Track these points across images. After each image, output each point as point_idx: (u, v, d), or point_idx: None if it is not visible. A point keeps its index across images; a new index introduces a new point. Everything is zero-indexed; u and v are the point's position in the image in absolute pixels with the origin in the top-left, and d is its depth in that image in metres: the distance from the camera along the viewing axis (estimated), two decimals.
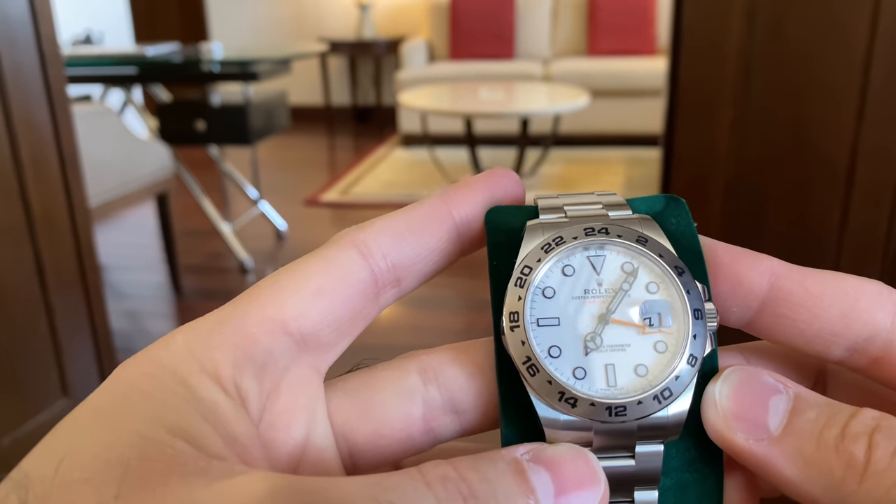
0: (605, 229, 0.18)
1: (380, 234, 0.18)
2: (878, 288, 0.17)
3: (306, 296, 0.17)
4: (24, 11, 1.30)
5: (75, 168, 1.45)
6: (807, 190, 1.12)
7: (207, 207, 2.53)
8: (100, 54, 2.54)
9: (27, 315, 1.36)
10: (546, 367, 0.17)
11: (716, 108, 1.13)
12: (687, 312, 0.17)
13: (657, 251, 0.17)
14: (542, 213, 0.19)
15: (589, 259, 0.18)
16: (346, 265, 0.18)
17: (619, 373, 0.17)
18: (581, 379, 0.17)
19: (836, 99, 1.07)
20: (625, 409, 0.16)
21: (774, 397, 0.16)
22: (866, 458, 0.14)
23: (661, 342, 0.17)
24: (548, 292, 0.17)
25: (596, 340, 0.17)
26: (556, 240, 0.18)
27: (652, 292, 0.17)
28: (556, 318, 0.17)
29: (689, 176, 1.18)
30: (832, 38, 1.05)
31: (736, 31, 1.09)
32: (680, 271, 0.17)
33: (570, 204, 0.19)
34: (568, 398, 0.16)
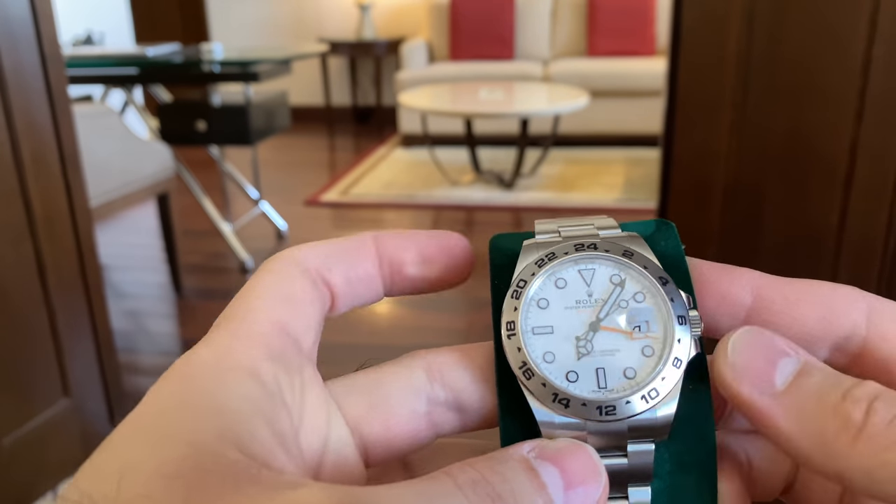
0: (594, 245, 0.19)
1: (313, 252, 0.20)
2: (851, 291, 0.18)
3: (284, 303, 0.19)
4: (25, 12, 1.31)
5: (76, 168, 1.46)
6: (806, 191, 1.13)
7: (208, 207, 2.53)
8: (101, 55, 2.54)
9: (28, 315, 1.36)
10: (541, 371, 0.18)
11: (715, 109, 1.13)
12: (671, 318, 0.18)
13: (642, 263, 0.19)
14: (538, 234, 0.20)
15: (580, 272, 0.19)
16: (295, 276, 0.19)
17: (608, 375, 0.18)
18: (574, 382, 0.18)
19: (834, 100, 1.08)
20: (614, 409, 0.17)
21: (784, 359, 0.17)
22: (863, 422, 0.15)
23: (648, 346, 0.18)
24: (542, 303, 0.19)
25: (587, 346, 0.18)
26: (548, 255, 0.19)
27: (639, 301, 0.18)
28: (549, 327, 0.18)
29: (688, 177, 1.18)
30: (831, 39, 1.05)
31: (735, 33, 1.09)
32: (664, 281, 0.18)
33: (564, 226, 0.20)
34: (561, 399, 0.18)
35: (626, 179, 3.51)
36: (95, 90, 3.40)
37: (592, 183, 3.47)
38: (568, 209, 3.14)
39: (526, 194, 3.33)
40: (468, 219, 3.14)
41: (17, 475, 1.36)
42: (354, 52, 4.80)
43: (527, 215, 3.13)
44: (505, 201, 3.26)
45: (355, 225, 3.10)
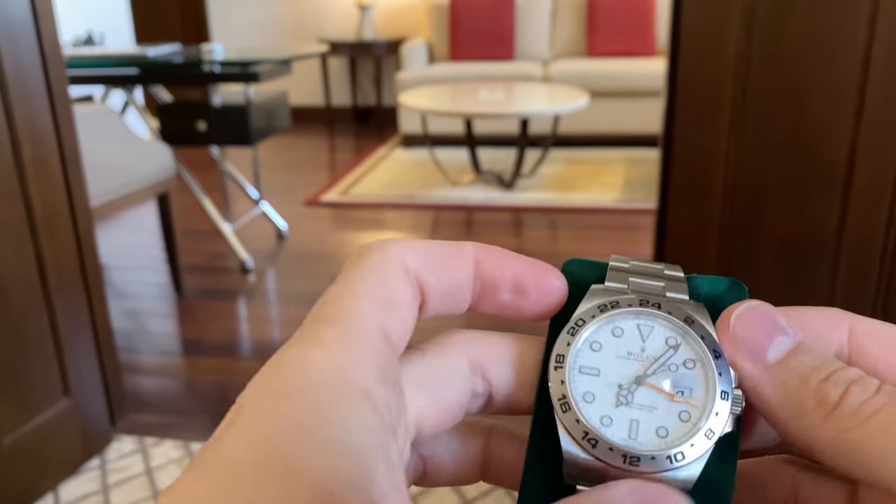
0: (659, 304, 0.20)
1: (414, 251, 0.19)
2: (835, 313, 0.20)
3: (387, 306, 0.18)
4: (26, 12, 1.31)
5: (77, 168, 1.46)
6: (805, 191, 1.13)
7: (208, 207, 2.53)
8: (101, 55, 2.55)
9: (28, 315, 1.36)
10: (577, 408, 0.19)
11: (714, 109, 1.13)
12: (715, 391, 0.18)
13: (700, 333, 0.19)
14: (609, 279, 0.21)
15: (638, 326, 0.20)
16: (396, 276, 0.18)
17: (641, 429, 0.18)
18: (607, 426, 0.18)
19: (834, 100, 1.08)
20: (639, 461, 0.18)
21: (781, 336, 0.18)
22: (837, 401, 0.16)
23: (686, 412, 0.18)
24: (595, 346, 0.19)
25: (628, 397, 0.19)
26: (612, 303, 0.20)
27: (688, 368, 0.19)
28: (596, 370, 0.19)
29: (687, 177, 1.18)
30: (831, 40, 1.06)
31: (734, 34, 1.09)
32: (717, 355, 0.19)
33: (636, 274, 0.21)
34: (590, 438, 0.18)
35: (626, 179, 3.51)
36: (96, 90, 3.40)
37: (592, 183, 3.47)
38: (568, 209, 3.14)
39: (526, 194, 3.34)
40: (468, 219, 3.14)
41: (17, 475, 1.36)
42: (354, 52, 4.81)
43: (526, 215, 3.14)
44: (505, 201, 3.26)
45: (356, 225, 3.10)
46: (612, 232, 2.90)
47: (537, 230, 3.03)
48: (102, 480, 1.46)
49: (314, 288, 2.43)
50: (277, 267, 2.66)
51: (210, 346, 2.04)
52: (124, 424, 1.65)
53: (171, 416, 1.71)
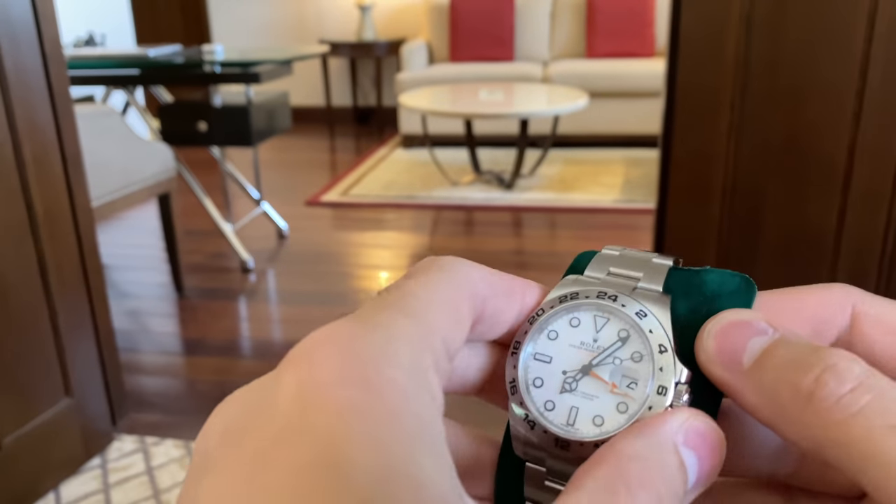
0: (615, 297, 0.20)
1: (483, 278, 0.19)
2: (839, 295, 0.19)
3: (453, 322, 0.18)
4: (27, 13, 1.31)
5: (78, 168, 1.46)
6: (804, 192, 1.13)
7: (209, 208, 2.54)
8: (102, 55, 2.55)
9: (30, 315, 1.37)
10: (523, 392, 0.20)
11: (713, 110, 1.14)
12: (652, 385, 0.19)
13: (649, 327, 0.20)
14: (588, 269, 0.22)
15: (594, 318, 0.20)
16: (465, 296, 0.18)
17: (579, 416, 0.19)
18: (549, 411, 0.19)
19: (833, 102, 1.08)
20: (568, 446, 0.19)
21: (755, 338, 0.18)
22: (811, 389, 0.16)
23: (624, 404, 0.19)
24: (552, 335, 0.20)
25: (572, 384, 0.20)
26: (572, 295, 0.21)
27: (635, 360, 0.19)
28: (549, 357, 0.20)
29: (686, 178, 1.19)
30: (829, 41, 1.06)
31: (734, 35, 1.09)
32: (662, 349, 0.19)
33: (620, 264, 0.21)
34: (530, 420, 0.19)
35: (626, 180, 3.52)
36: (97, 91, 3.41)
37: (591, 183, 3.48)
38: (567, 209, 3.15)
39: (525, 194, 3.34)
40: (468, 219, 3.14)
41: (18, 474, 1.37)
42: (355, 53, 4.81)
43: (526, 215, 3.14)
44: (504, 201, 3.27)
45: (356, 225, 3.11)
46: (611, 232, 2.90)
47: (537, 230, 3.03)
48: (103, 480, 1.46)
49: (315, 288, 2.44)
50: (278, 267, 2.66)
51: (211, 346, 2.05)
52: (125, 424, 1.65)
53: (172, 416, 1.71)
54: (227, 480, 0.13)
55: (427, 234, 2.98)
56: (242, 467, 0.13)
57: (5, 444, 1.33)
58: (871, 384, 0.15)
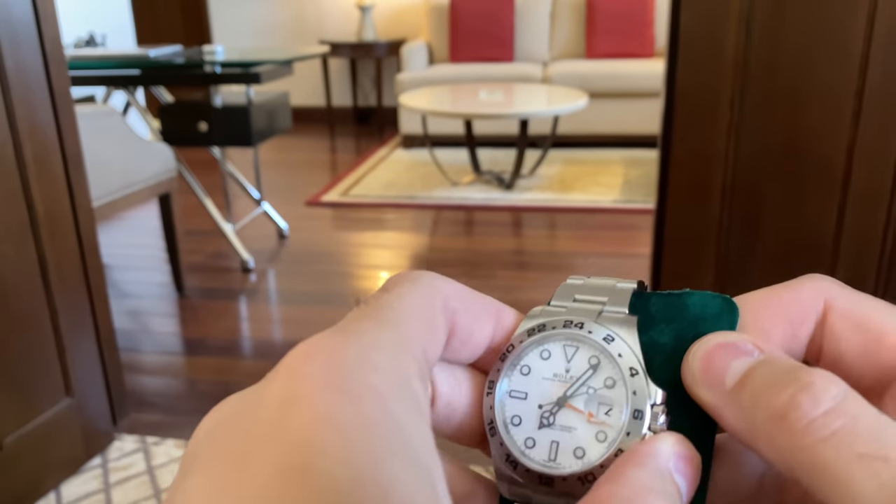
0: (581, 324, 0.20)
1: (455, 292, 0.19)
2: (811, 292, 0.19)
3: (430, 333, 0.18)
4: (28, 13, 1.32)
5: (79, 168, 1.47)
6: (803, 192, 1.13)
7: (210, 208, 2.54)
8: (103, 56, 2.55)
9: (31, 315, 1.37)
10: (502, 432, 0.19)
11: (713, 110, 1.14)
12: (628, 411, 0.19)
13: (618, 351, 0.19)
14: (554, 298, 0.21)
15: (564, 347, 0.20)
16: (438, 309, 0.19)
17: (560, 450, 0.19)
18: (531, 448, 0.19)
19: (832, 102, 1.08)
20: (552, 482, 0.19)
21: (739, 359, 0.17)
22: (784, 411, 0.15)
23: (602, 432, 0.19)
24: (524, 370, 0.20)
25: (550, 418, 0.19)
26: (539, 327, 0.20)
27: (608, 386, 0.19)
28: (524, 393, 0.20)
29: (686, 178, 1.19)
30: (828, 41, 1.06)
31: (733, 35, 1.10)
32: (633, 373, 0.19)
33: (584, 291, 0.21)
34: (512, 461, 0.19)
35: (625, 180, 3.52)
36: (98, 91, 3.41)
37: (591, 183, 3.48)
38: (567, 209, 3.15)
39: (525, 195, 3.34)
40: (468, 219, 3.14)
41: (19, 474, 1.37)
42: (355, 53, 4.81)
43: (526, 215, 3.14)
44: (504, 201, 3.27)
45: (356, 225, 3.11)
46: (611, 232, 2.91)
47: (537, 230, 3.04)
48: (104, 479, 1.47)
49: (315, 288, 2.44)
50: (278, 267, 2.66)
51: (211, 346, 2.05)
52: (126, 424, 1.65)
53: (172, 416, 1.72)
54: (205, 480, 0.14)
55: (427, 235, 2.98)
56: (220, 468, 0.14)
57: (6, 444, 1.33)
58: (846, 408, 0.15)
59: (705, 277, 1.21)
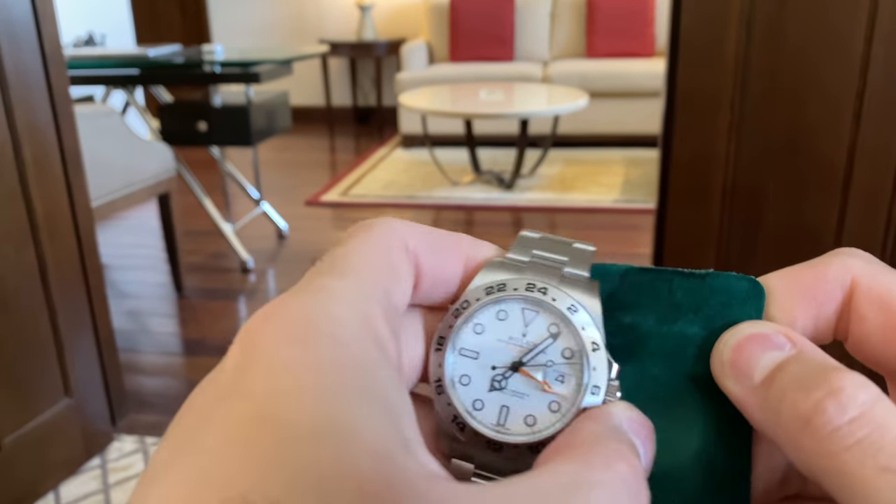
0: (545, 290, 0.19)
1: (413, 232, 0.19)
2: (839, 264, 0.18)
3: (391, 276, 0.18)
4: (27, 13, 1.31)
5: (78, 168, 1.46)
6: (804, 192, 1.13)
7: (209, 207, 2.54)
8: (102, 55, 2.55)
9: (30, 315, 1.37)
10: (449, 392, 0.19)
11: (714, 110, 1.14)
12: (586, 385, 0.18)
13: (581, 324, 0.19)
14: (511, 251, 0.20)
15: (523, 311, 0.19)
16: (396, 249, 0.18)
17: (510, 416, 0.18)
18: (478, 410, 0.18)
19: (833, 101, 1.08)
20: (502, 448, 0.18)
21: (770, 352, 0.17)
22: (809, 414, 0.15)
23: (556, 403, 0.18)
24: (478, 328, 0.19)
25: (502, 382, 0.19)
26: (499, 286, 0.19)
27: (566, 357, 0.18)
28: (476, 353, 0.19)
29: (686, 178, 1.19)
30: (829, 41, 1.06)
31: (733, 35, 1.09)
32: (595, 347, 0.18)
33: (541, 247, 0.20)
34: (459, 422, 0.18)
35: (626, 180, 3.52)
36: (97, 91, 3.41)
37: (591, 183, 3.48)
38: (567, 209, 3.15)
39: (525, 194, 3.34)
40: (468, 219, 3.14)
41: (18, 474, 1.37)
42: (355, 52, 4.81)
43: (526, 215, 3.14)
44: (504, 201, 3.27)
45: None
46: (611, 232, 2.91)
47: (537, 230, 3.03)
48: (103, 480, 1.46)
49: None
50: (278, 267, 2.66)
51: (211, 346, 2.05)
52: (125, 424, 1.65)
53: (171, 416, 1.69)
54: (170, 443, 0.14)
55: None
56: (182, 431, 0.14)
57: (5, 445, 1.33)
58: (874, 417, 0.15)
59: None
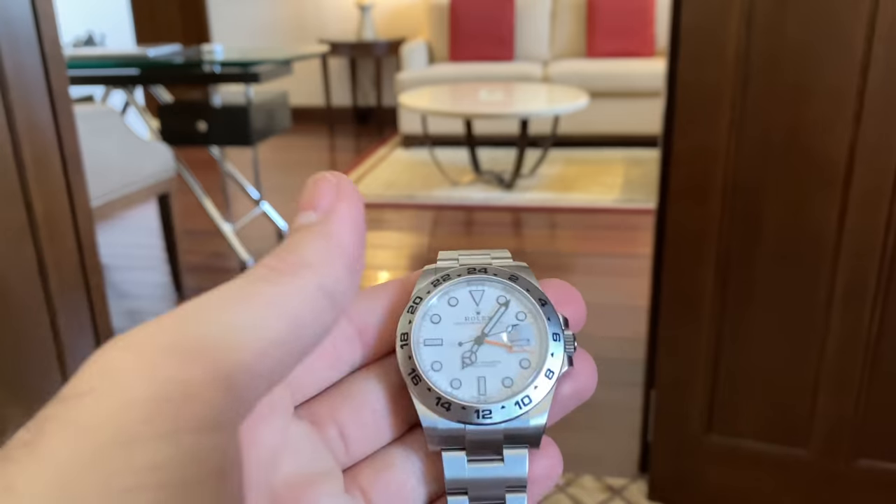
0: (485, 269, 0.21)
1: None
2: None
3: None
4: (26, 12, 1.31)
5: (77, 168, 1.46)
6: (805, 191, 1.13)
7: (209, 207, 2.53)
8: (102, 55, 2.55)
9: (29, 315, 1.37)
10: (427, 378, 0.20)
11: (714, 109, 1.13)
12: (547, 335, 0.20)
13: (525, 287, 0.21)
14: (439, 261, 0.22)
15: (471, 293, 0.21)
16: None
17: (489, 384, 0.20)
18: (457, 388, 0.20)
19: (834, 100, 1.08)
20: (490, 412, 0.19)
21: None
22: None
23: (526, 359, 0.20)
24: (434, 318, 0.21)
25: (472, 357, 0.20)
26: (443, 277, 0.21)
27: (520, 319, 0.20)
28: (439, 339, 0.20)
29: (687, 177, 1.18)
30: (830, 39, 1.06)
31: (734, 34, 1.09)
32: (543, 303, 0.21)
33: (464, 254, 0.22)
34: (443, 403, 0.19)
35: (626, 180, 3.52)
36: (97, 91, 3.41)
37: (592, 183, 3.47)
38: (567, 209, 3.15)
39: (526, 194, 3.34)
40: (468, 219, 3.14)
41: None
42: (355, 52, 4.81)
43: (526, 215, 3.14)
44: (505, 201, 3.26)
45: None
46: (611, 232, 2.90)
47: (537, 230, 3.03)
48: None
49: None
50: None
51: None
52: None
53: None
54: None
55: (427, 235, 2.98)
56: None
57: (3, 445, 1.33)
58: None
59: (706, 277, 1.20)
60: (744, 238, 1.17)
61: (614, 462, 1.50)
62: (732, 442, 1.29)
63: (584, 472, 1.48)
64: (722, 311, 1.20)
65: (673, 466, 1.36)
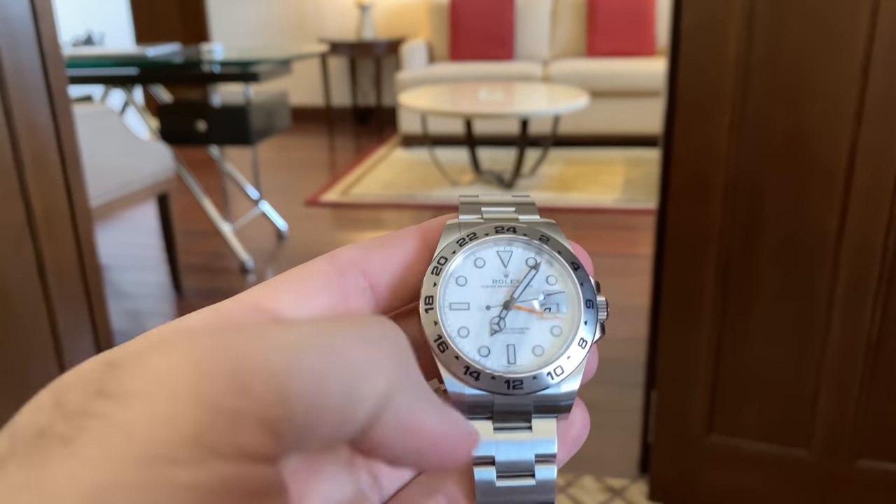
0: (514, 228, 0.20)
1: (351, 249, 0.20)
2: None
3: None
4: (25, 12, 1.31)
5: (76, 168, 1.46)
6: (805, 191, 1.13)
7: (208, 207, 2.53)
8: (101, 55, 2.54)
9: (28, 315, 1.36)
10: (454, 345, 0.19)
11: (715, 110, 1.13)
12: (580, 302, 0.19)
13: (557, 249, 0.20)
14: (461, 213, 0.21)
15: (498, 254, 0.20)
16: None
17: (518, 352, 0.19)
18: (485, 356, 0.19)
19: (834, 101, 1.08)
20: (521, 383, 0.18)
21: None
22: None
23: (557, 327, 0.19)
24: (460, 281, 0.20)
25: (500, 323, 0.19)
26: (469, 236, 0.20)
27: (551, 284, 0.20)
28: (466, 304, 0.19)
29: (687, 177, 1.18)
30: (831, 40, 1.06)
31: (735, 34, 1.09)
32: (575, 266, 0.20)
33: (487, 205, 0.21)
34: (472, 372, 0.18)
35: (626, 179, 3.51)
36: (96, 90, 3.40)
37: (592, 183, 3.47)
38: (568, 209, 3.14)
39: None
40: None
41: None
42: (354, 52, 4.81)
43: None
44: None
45: (356, 225, 3.10)
46: (611, 232, 2.90)
47: None
48: None
49: None
50: (277, 267, 2.65)
51: None
52: None
53: None
54: None
55: None
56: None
57: None
58: None
59: (707, 277, 1.20)
60: (744, 238, 1.17)
61: (615, 462, 1.50)
62: (733, 442, 1.29)
63: (584, 473, 1.47)
64: (722, 311, 1.20)
65: (673, 467, 1.36)
